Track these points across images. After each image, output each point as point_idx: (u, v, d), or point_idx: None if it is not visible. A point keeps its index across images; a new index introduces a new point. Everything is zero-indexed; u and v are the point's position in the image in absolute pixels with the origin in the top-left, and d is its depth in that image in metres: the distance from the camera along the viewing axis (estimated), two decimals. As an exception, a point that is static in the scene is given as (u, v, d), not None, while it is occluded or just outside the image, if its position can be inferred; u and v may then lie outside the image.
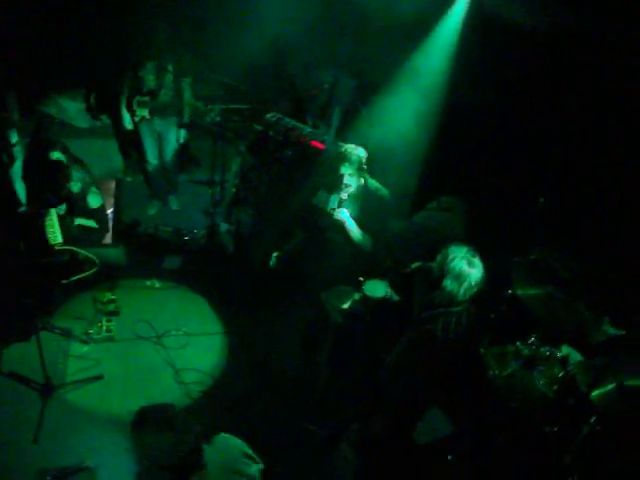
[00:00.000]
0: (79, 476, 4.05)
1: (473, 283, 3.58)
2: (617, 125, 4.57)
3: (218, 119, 6.90)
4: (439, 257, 3.69)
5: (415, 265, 4.17)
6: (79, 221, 5.86)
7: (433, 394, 4.34)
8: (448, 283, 3.59)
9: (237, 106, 7.17)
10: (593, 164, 4.71)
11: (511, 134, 5.34)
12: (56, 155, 5.73)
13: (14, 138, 6.02)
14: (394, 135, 6.23)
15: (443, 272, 3.60)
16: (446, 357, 3.81)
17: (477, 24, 5.48)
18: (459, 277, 3.56)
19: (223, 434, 2.69)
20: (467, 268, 3.56)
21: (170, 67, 6.12)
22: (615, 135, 4.58)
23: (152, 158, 6.70)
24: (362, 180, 4.71)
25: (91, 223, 5.93)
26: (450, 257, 3.60)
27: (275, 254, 4.84)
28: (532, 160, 5.14)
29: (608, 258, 4.58)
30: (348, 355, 4.67)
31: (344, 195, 4.69)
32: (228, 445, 2.64)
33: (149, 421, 2.64)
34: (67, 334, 5.31)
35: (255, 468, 2.56)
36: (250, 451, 2.64)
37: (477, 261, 3.60)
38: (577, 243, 4.73)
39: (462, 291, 3.60)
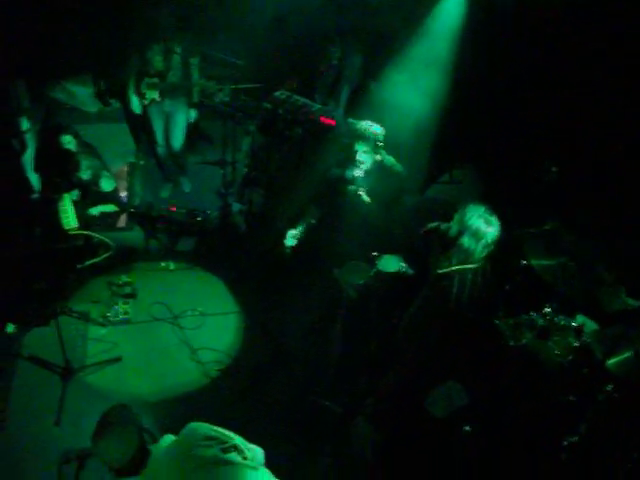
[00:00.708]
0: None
1: (490, 241, 3.67)
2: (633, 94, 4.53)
3: (227, 99, 6.89)
4: (457, 215, 3.78)
5: (432, 225, 4.19)
6: (100, 208, 5.91)
7: (448, 359, 4.38)
8: (466, 240, 3.68)
9: (246, 85, 7.15)
10: (606, 134, 4.67)
11: (524, 105, 5.30)
12: (67, 140, 5.76)
13: (25, 125, 6.06)
14: (405, 109, 6.21)
15: (461, 229, 3.67)
16: (461, 315, 3.85)
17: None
18: (476, 234, 3.65)
19: (191, 424, 2.68)
20: (484, 226, 3.65)
21: (177, 48, 6.09)
22: (630, 103, 4.54)
23: (161, 139, 6.69)
24: (378, 156, 4.68)
25: (111, 207, 5.97)
26: (468, 215, 3.69)
27: (290, 232, 4.83)
28: (545, 131, 5.11)
29: (621, 228, 4.56)
30: (362, 330, 4.69)
31: (358, 172, 4.68)
32: (190, 434, 2.62)
33: (98, 428, 2.67)
34: (85, 318, 5.35)
35: (216, 448, 2.53)
36: (216, 433, 2.60)
37: (494, 220, 3.67)
38: (590, 213, 4.71)
39: (479, 248, 3.68)
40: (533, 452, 4.25)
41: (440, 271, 3.82)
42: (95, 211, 5.95)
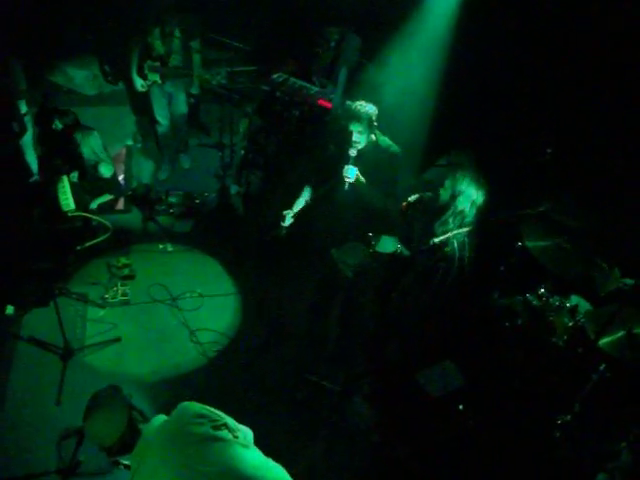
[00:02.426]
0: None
1: (479, 203, 3.96)
2: (627, 74, 4.53)
3: (224, 82, 6.89)
4: (447, 182, 3.98)
5: (413, 197, 4.30)
6: (98, 200, 5.94)
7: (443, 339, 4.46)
8: (460, 202, 3.93)
9: (243, 68, 7.15)
10: (601, 115, 4.68)
11: (519, 87, 5.30)
12: (62, 122, 5.76)
13: (23, 108, 6.06)
14: (402, 91, 6.20)
15: (454, 194, 3.83)
16: (462, 284, 3.99)
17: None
18: (469, 197, 3.92)
19: (182, 403, 2.72)
20: (475, 189, 3.92)
21: (176, 32, 6.09)
22: (625, 84, 4.55)
23: (162, 119, 6.69)
24: (373, 136, 4.69)
25: (107, 197, 5.99)
26: (460, 180, 3.94)
27: (288, 213, 4.85)
28: (539, 112, 5.11)
29: (617, 209, 4.57)
30: (359, 310, 4.73)
31: (353, 152, 4.69)
32: (182, 412, 2.66)
33: (88, 408, 2.72)
34: (84, 299, 5.39)
35: (207, 426, 2.57)
36: (205, 411, 2.64)
37: (482, 182, 3.95)
38: (585, 194, 4.72)
39: (473, 210, 3.95)
40: (527, 430, 4.30)
41: (437, 239, 3.94)
42: (94, 205, 5.97)
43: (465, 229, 3.97)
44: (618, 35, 4.44)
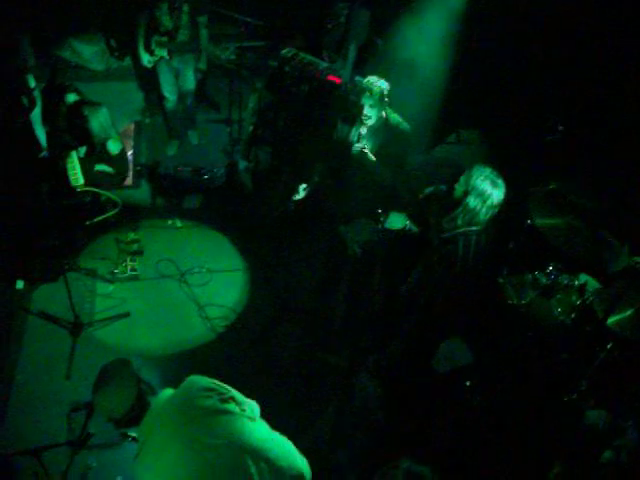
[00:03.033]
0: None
1: (495, 202, 3.63)
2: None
3: (233, 57, 6.85)
4: (462, 177, 3.73)
5: (429, 190, 4.20)
6: (98, 167, 5.92)
7: (452, 318, 4.43)
8: (471, 200, 3.65)
9: (252, 43, 7.09)
10: (612, 92, 4.64)
11: (531, 63, 5.26)
12: (71, 98, 5.74)
13: (31, 83, 6.05)
14: (413, 68, 6.16)
15: (467, 190, 3.64)
16: (465, 277, 3.88)
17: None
18: (482, 195, 3.62)
19: (190, 377, 2.74)
20: (490, 187, 3.61)
21: (185, 7, 6.04)
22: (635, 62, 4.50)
23: (170, 94, 6.64)
24: (383, 113, 4.67)
25: (109, 169, 5.97)
26: (475, 176, 3.65)
27: (303, 187, 4.84)
28: (551, 90, 5.07)
29: (627, 187, 4.55)
30: (366, 287, 4.73)
31: (363, 129, 4.67)
32: (189, 385, 2.68)
33: (97, 381, 2.73)
34: (93, 274, 5.42)
35: (215, 399, 2.59)
36: (212, 384, 2.66)
37: (500, 182, 3.64)
38: (595, 172, 4.70)
39: (484, 209, 3.66)
40: (533, 408, 4.32)
41: (443, 236, 3.83)
42: (94, 169, 5.94)
43: (474, 228, 3.75)
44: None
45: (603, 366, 4.13)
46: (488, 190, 3.61)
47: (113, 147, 5.94)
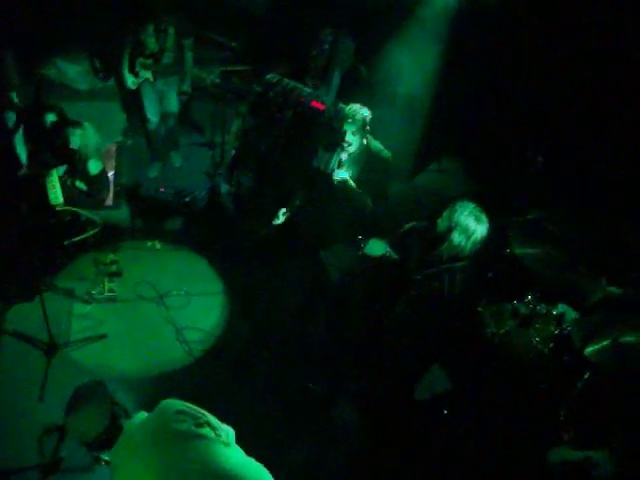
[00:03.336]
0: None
1: (479, 238, 3.66)
2: (617, 85, 4.56)
3: (217, 81, 6.88)
4: (446, 212, 3.74)
5: (409, 225, 4.20)
6: (78, 184, 5.89)
7: (435, 350, 4.41)
8: (455, 237, 3.66)
9: (237, 67, 7.13)
10: (592, 123, 4.71)
11: (511, 93, 5.33)
12: (51, 117, 5.73)
13: (14, 100, 6.03)
14: (396, 96, 6.22)
15: (451, 226, 3.64)
16: (451, 313, 3.87)
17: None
18: (467, 231, 3.64)
19: (164, 401, 2.71)
20: (474, 223, 3.64)
21: (170, 30, 6.07)
22: (615, 95, 4.58)
23: (153, 116, 6.67)
24: (365, 140, 4.70)
25: (85, 187, 5.93)
26: (458, 212, 3.67)
27: (282, 211, 4.84)
28: (531, 120, 5.14)
29: (605, 218, 4.60)
30: (346, 313, 4.72)
31: (344, 155, 4.70)
32: (164, 409, 2.65)
33: (70, 402, 2.71)
34: (70, 294, 5.36)
35: (190, 423, 2.56)
36: (187, 408, 2.63)
37: (484, 217, 3.67)
38: (575, 203, 4.75)
39: (469, 245, 3.68)
40: (511, 437, 4.31)
41: (428, 272, 3.82)
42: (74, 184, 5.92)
43: (459, 264, 3.78)
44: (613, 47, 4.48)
45: (581, 396, 4.13)
46: (472, 226, 3.63)
47: (93, 167, 5.93)
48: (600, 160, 4.67)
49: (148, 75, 6.27)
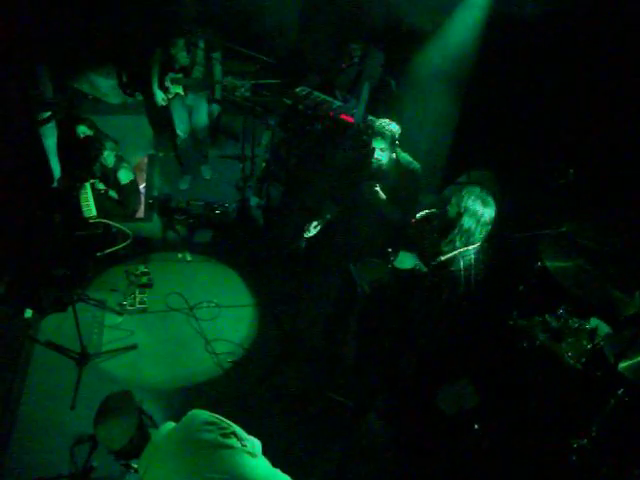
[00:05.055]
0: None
1: (488, 220, 3.70)
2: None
3: (248, 94, 6.94)
4: (454, 199, 3.80)
5: (421, 214, 4.22)
6: (111, 193, 5.99)
7: (460, 355, 4.41)
8: (465, 221, 3.71)
9: (267, 81, 7.18)
10: (626, 135, 4.66)
11: (542, 106, 5.29)
12: (82, 130, 5.83)
13: (47, 114, 6.15)
14: (425, 109, 6.22)
15: (460, 211, 3.70)
16: (470, 299, 3.89)
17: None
18: (475, 215, 3.68)
19: (193, 410, 2.73)
20: (482, 206, 3.68)
21: (201, 43, 6.14)
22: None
23: (183, 133, 6.76)
24: (394, 155, 4.71)
25: (116, 196, 6.02)
26: (465, 197, 3.72)
27: (314, 224, 4.86)
28: (562, 132, 5.10)
29: (638, 231, 4.54)
30: (376, 326, 4.71)
31: (375, 169, 4.71)
32: (191, 419, 2.66)
33: (99, 412, 2.73)
34: (102, 305, 5.43)
35: (216, 433, 2.57)
36: (214, 418, 2.64)
37: (490, 199, 3.73)
38: (607, 216, 4.69)
39: (479, 228, 3.72)
40: (542, 453, 4.26)
41: (444, 257, 3.87)
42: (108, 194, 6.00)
43: (473, 247, 3.81)
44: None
45: (614, 412, 4.07)
46: (480, 209, 3.68)
47: (123, 177, 6.01)
48: (633, 172, 4.60)
49: (179, 89, 6.34)
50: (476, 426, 4.43)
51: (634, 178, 4.64)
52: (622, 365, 3.93)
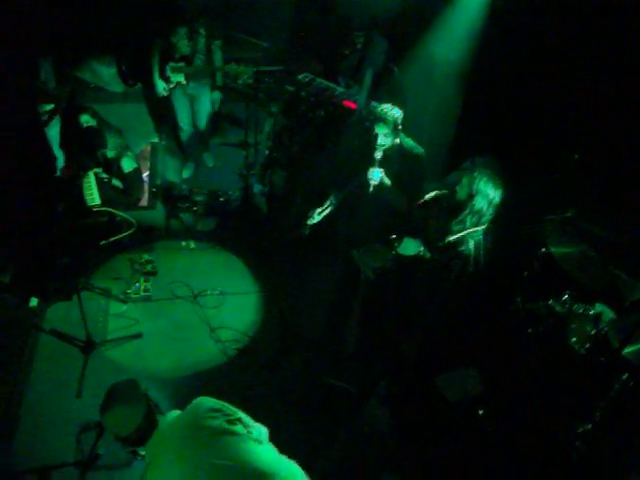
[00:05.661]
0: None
1: (498, 202, 3.87)
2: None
3: (250, 81, 6.90)
4: (465, 180, 3.96)
5: (430, 195, 4.26)
6: (114, 182, 5.98)
7: (463, 341, 4.43)
8: (477, 202, 3.87)
9: (269, 68, 7.15)
10: (631, 121, 4.62)
11: (546, 89, 5.25)
12: (85, 119, 5.81)
13: (50, 104, 6.12)
14: (428, 95, 6.18)
15: (471, 193, 3.85)
16: (478, 280, 3.95)
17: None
18: (487, 197, 3.85)
19: (198, 398, 2.73)
20: (493, 189, 3.85)
21: (202, 31, 6.11)
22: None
23: (184, 122, 6.75)
24: (397, 140, 4.69)
25: (120, 184, 6.01)
26: (478, 179, 3.87)
27: (318, 211, 4.85)
28: (566, 116, 5.06)
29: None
30: (379, 312, 4.71)
31: (378, 154, 4.68)
32: (197, 406, 2.67)
33: (105, 400, 2.75)
34: (106, 294, 5.44)
35: (222, 420, 2.57)
36: (220, 405, 2.65)
37: (499, 182, 3.88)
38: (612, 202, 4.67)
39: (490, 210, 3.88)
40: (546, 438, 4.26)
41: (452, 238, 3.91)
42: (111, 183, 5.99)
43: (481, 228, 3.93)
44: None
45: (618, 397, 4.07)
46: (491, 192, 3.84)
47: (126, 165, 6.00)
48: (637, 159, 4.57)
49: (180, 78, 6.29)
50: (480, 412, 4.44)
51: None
52: (627, 350, 3.93)
